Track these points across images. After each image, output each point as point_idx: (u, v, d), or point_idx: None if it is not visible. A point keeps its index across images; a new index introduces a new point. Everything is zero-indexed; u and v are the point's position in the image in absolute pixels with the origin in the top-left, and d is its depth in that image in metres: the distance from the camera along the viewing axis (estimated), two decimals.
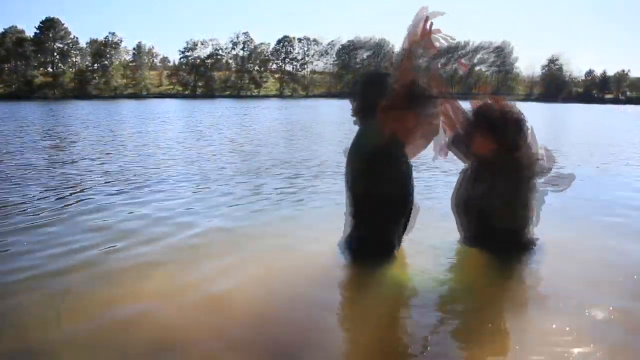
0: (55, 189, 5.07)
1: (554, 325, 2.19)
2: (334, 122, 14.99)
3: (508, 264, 2.88)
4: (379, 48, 73.10)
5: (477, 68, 69.28)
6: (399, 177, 2.76)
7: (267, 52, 75.82)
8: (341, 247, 2.91)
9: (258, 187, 5.28)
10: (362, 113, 2.83)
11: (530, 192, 2.89)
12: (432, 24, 2.74)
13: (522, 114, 2.87)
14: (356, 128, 2.89)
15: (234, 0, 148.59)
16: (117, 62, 65.76)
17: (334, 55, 77.24)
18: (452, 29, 2.82)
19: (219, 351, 1.99)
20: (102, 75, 63.72)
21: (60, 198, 4.65)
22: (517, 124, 2.84)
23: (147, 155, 8.15)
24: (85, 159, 7.58)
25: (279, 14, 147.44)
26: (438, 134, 2.91)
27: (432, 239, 3.23)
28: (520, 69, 76.96)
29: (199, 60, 70.90)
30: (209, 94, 66.65)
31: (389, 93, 2.72)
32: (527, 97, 62.25)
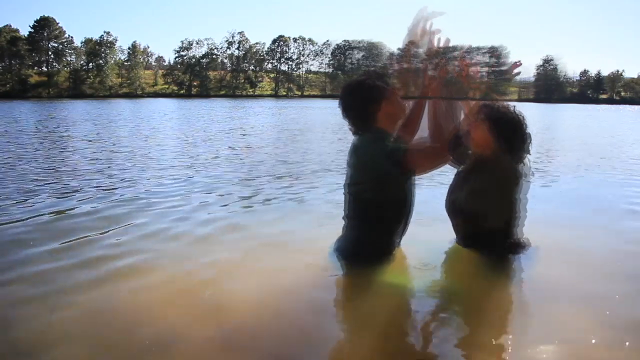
0: (57, 191, 5.04)
1: (553, 326, 2.18)
2: (336, 123, 14.99)
3: (505, 265, 2.87)
4: (375, 49, 73.16)
5: (474, 69, 69.54)
6: (399, 178, 2.74)
7: (262, 51, 75.92)
8: (340, 248, 2.89)
9: (258, 189, 5.25)
10: (359, 123, 2.80)
11: (525, 192, 2.89)
12: (432, 24, 2.73)
13: (523, 116, 2.87)
14: None
15: (230, 0, 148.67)
16: (111, 62, 65.69)
17: (329, 55, 77.38)
18: (451, 29, 2.81)
19: (217, 352, 1.98)
20: (96, 74, 63.68)
21: (59, 197, 4.62)
22: (518, 126, 2.84)
23: (148, 156, 8.11)
24: (80, 162, 7.54)
25: (277, 14, 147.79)
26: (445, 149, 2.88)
27: (430, 239, 3.21)
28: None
29: (194, 60, 70.94)
30: (204, 93, 66.69)
31: (387, 93, 2.71)
32: (524, 99, 62.40)
